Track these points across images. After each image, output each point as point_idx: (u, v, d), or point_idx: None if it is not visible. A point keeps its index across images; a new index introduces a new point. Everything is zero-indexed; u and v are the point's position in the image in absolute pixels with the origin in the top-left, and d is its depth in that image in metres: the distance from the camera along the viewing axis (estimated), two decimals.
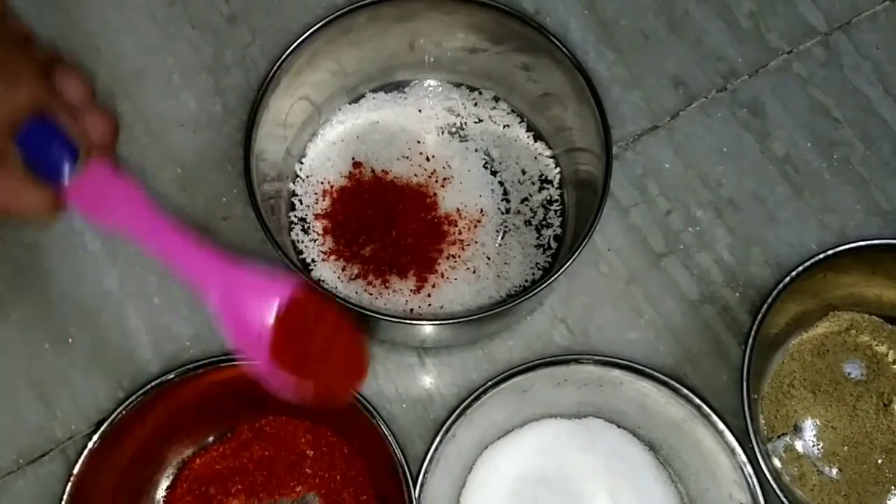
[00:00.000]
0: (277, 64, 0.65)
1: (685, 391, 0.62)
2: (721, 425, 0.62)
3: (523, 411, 0.67)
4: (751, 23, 0.79)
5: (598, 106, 0.66)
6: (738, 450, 0.61)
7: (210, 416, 0.67)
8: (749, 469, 0.61)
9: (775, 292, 0.63)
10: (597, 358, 0.63)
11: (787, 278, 0.64)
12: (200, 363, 0.64)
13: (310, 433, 0.67)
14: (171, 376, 0.63)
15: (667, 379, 0.62)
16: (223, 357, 0.64)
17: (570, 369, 0.64)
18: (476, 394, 0.62)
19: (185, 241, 0.51)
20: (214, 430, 0.68)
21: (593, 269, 0.73)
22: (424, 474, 0.61)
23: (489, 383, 0.62)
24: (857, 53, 0.78)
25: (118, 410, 0.62)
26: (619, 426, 0.68)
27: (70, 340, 0.70)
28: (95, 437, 0.62)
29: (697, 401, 0.62)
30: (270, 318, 0.52)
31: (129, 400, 0.63)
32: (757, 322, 0.63)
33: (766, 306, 0.63)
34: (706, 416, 0.62)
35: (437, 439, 0.61)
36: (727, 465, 0.62)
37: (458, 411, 0.62)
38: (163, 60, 0.77)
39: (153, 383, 0.63)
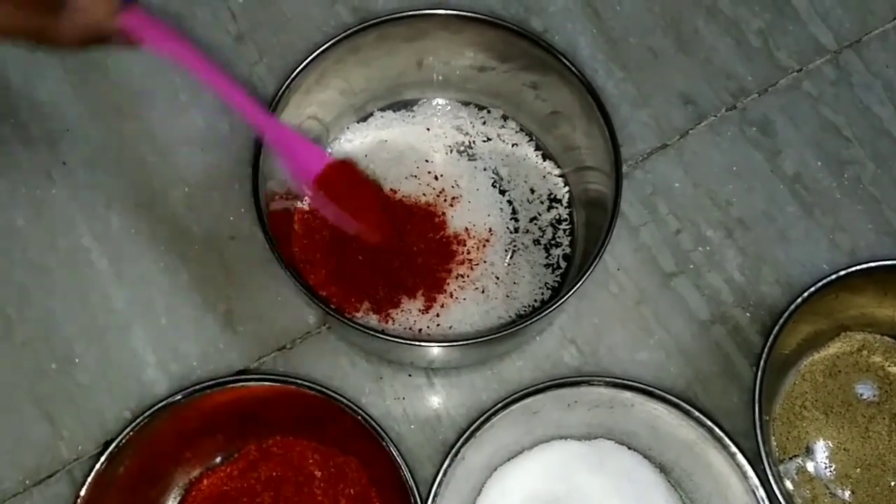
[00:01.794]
0: (286, 83, 0.65)
1: (696, 413, 0.62)
2: (733, 448, 0.61)
3: (533, 433, 0.66)
4: (760, 41, 0.79)
5: (607, 124, 0.65)
6: (750, 472, 0.60)
7: (217, 437, 0.67)
8: (761, 492, 0.60)
9: (787, 313, 0.63)
10: (607, 379, 0.63)
11: (800, 299, 0.64)
12: (207, 384, 0.63)
13: (317, 454, 0.67)
14: (178, 397, 0.63)
15: (678, 401, 0.62)
16: (230, 377, 0.64)
17: (581, 391, 0.63)
18: (486, 416, 0.61)
19: (235, 87, 0.59)
20: (221, 451, 0.68)
21: (603, 289, 0.72)
22: (434, 497, 0.60)
23: (498, 405, 0.62)
24: (867, 72, 0.78)
25: (125, 431, 0.62)
26: (630, 448, 0.67)
27: (77, 360, 0.70)
28: (102, 459, 0.61)
29: (709, 423, 0.61)
30: (318, 163, 0.63)
31: (136, 421, 0.62)
32: (769, 343, 0.63)
33: (777, 327, 0.63)
34: (718, 439, 0.61)
35: (446, 462, 0.61)
36: (739, 488, 0.61)
37: (467, 433, 0.61)
38: (170, 79, 0.77)
39: (160, 404, 0.62)
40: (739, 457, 0.61)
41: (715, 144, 0.76)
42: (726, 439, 0.61)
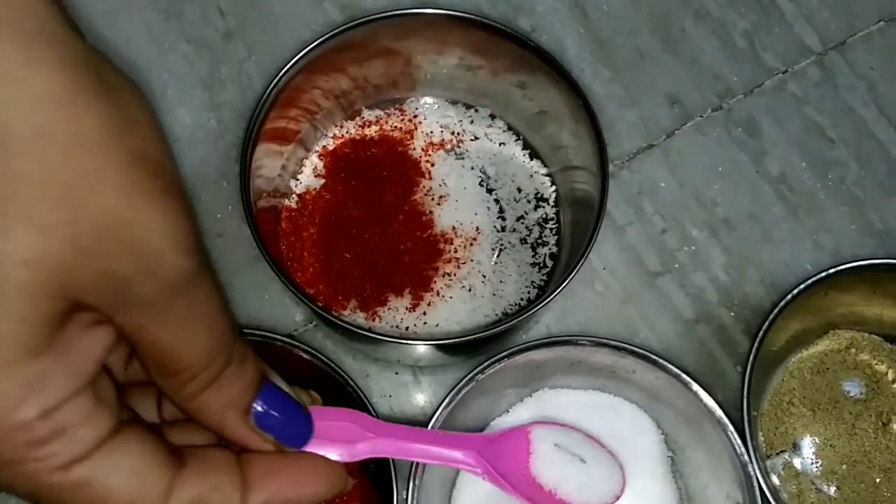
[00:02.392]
0: (275, 80, 0.65)
1: (696, 386, 0.62)
2: (726, 420, 0.61)
3: (534, 385, 0.68)
4: (746, 42, 0.79)
5: (593, 124, 0.65)
6: (742, 449, 0.61)
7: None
8: (750, 469, 0.60)
9: (777, 309, 0.63)
10: (612, 343, 0.63)
11: (790, 295, 0.64)
12: None
13: None
14: None
15: (679, 371, 0.62)
16: None
17: (586, 351, 0.63)
18: (489, 362, 0.61)
19: (423, 436, 0.52)
20: None
21: (589, 288, 0.73)
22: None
23: (503, 353, 0.62)
24: (851, 73, 0.79)
25: None
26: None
27: None
28: None
29: (706, 397, 0.62)
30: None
31: None
32: (758, 339, 0.63)
33: (767, 323, 0.63)
34: (712, 412, 0.62)
35: (447, 400, 0.61)
36: (729, 464, 0.62)
37: (469, 376, 0.61)
38: (157, 76, 0.77)
39: None
40: (732, 432, 0.61)
41: (701, 145, 0.76)
42: (720, 412, 0.62)
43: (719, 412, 0.62)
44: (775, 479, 0.67)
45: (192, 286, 0.36)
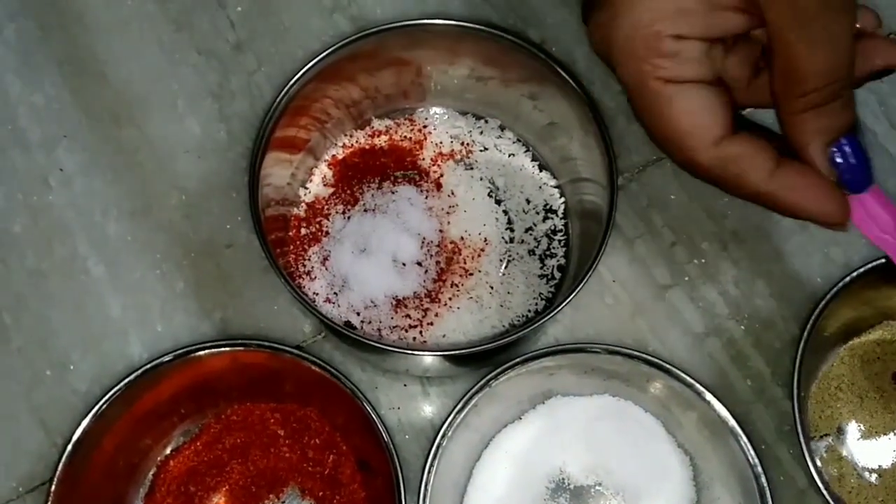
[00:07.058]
0: (284, 91, 0.65)
1: (709, 395, 0.63)
2: (739, 431, 0.62)
3: (546, 392, 0.68)
4: None
5: (603, 136, 0.65)
6: (755, 460, 0.61)
7: (173, 418, 0.68)
8: (763, 481, 0.61)
9: (829, 296, 0.66)
10: (625, 351, 0.64)
11: (841, 283, 0.67)
12: (155, 363, 0.64)
13: (277, 412, 0.68)
14: (122, 388, 0.63)
15: (692, 381, 0.63)
16: (179, 350, 0.64)
17: (600, 358, 0.64)
18: (503, 368, 0.62)
19: None
20: (181, 431, 0.69)
21: (598, 301, 0.72)
22: (442, 437, 0.62)
23: (517, 360, 0.62)
24: (862, 87, 0.78)
25: (78, 431, 0.62)
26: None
27: (72, 367, 0.70)
28: (63, 459, 0.62)
29: (720, 406, 0.62)
30: None
31: (85, 423, 0.63)
32: (811, 322, 0.66)
33: (818, 310, 0.66)
34: (725, 422, 0.62)
35: (460, 405, 0.62)
36: (741, 476, 0.62)
37: (481, 382, 0.62)
38: (168, 86, 0.77)
39: (108, 396, 0.63)
40: (746, 443, 0.62)
41: None
42: (733, 422, 0.62)
43: (732, 422, 0.62)
44: (817, 462, 0.67)
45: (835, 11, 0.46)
